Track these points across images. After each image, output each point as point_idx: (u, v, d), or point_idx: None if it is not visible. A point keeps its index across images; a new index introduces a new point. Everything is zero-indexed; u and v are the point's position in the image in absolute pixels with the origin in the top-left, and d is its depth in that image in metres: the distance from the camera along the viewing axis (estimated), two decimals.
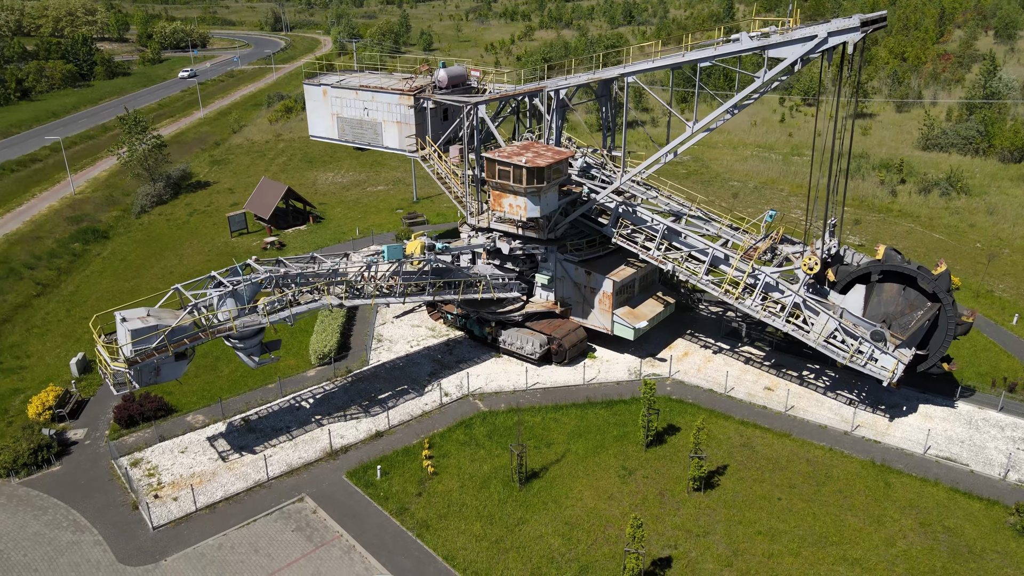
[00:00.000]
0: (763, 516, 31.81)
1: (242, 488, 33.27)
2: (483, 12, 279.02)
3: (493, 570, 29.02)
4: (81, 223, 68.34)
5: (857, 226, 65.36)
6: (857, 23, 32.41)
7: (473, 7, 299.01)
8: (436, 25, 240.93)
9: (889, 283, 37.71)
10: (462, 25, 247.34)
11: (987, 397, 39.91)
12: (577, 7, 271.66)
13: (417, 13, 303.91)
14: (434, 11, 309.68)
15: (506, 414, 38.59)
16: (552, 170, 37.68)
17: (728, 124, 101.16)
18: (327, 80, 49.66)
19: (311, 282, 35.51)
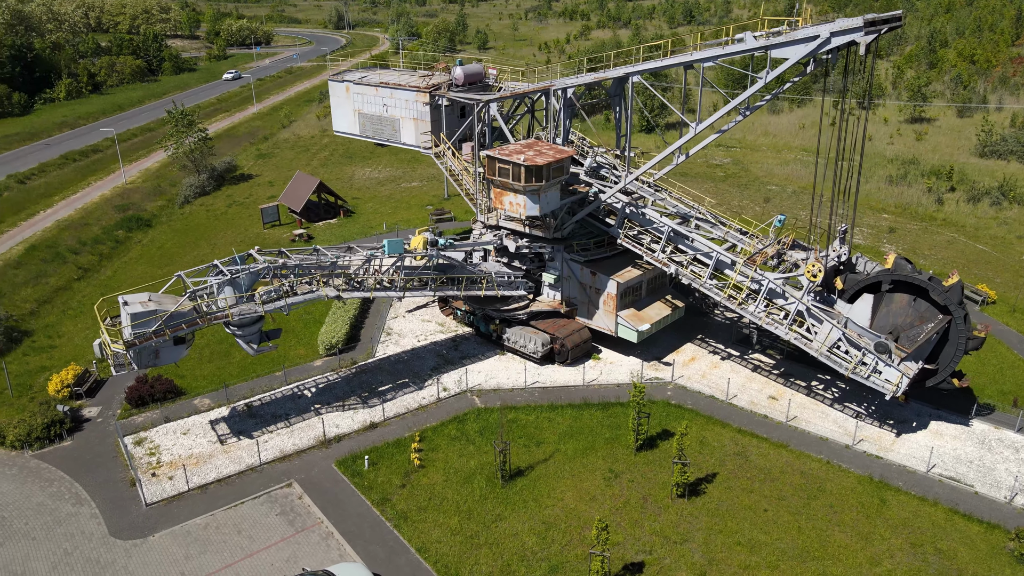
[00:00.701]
0: (746, 526, 31.14)
1: (235, 471, 34.32)
2: (543, 11, 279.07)
3: (463, 564, 29.23)
4: (127, 211, 71.38)
5: (892, 235, 63.03)
6: (860, 23, 31.35)
7: (533, 6, 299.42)
8: (494, 24, 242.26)
9: (899, 293, 36.36)
10: (520, 24, 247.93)
11: (1006, 416, 38.10)
12: (638, 7, 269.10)
13: (477, 12, 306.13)
14: (495, 10, 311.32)
15: (498, 411, 38.71)
16: (552, 169, 37.60)
17: (774, 127, 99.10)
18: (350, 77, 50.65)
19: (310, 273, 36.33)
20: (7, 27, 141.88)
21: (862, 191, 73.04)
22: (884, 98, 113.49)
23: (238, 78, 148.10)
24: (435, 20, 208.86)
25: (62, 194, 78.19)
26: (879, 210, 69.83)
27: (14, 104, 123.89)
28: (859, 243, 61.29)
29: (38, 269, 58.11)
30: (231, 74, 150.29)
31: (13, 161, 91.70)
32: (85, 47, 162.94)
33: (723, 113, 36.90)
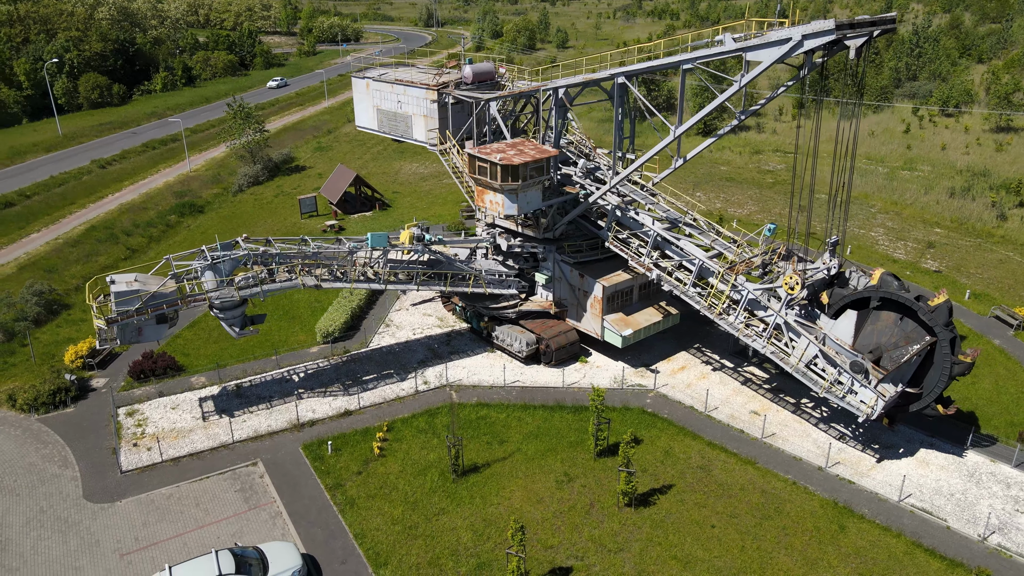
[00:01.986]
0: (687, 541, 30.37)
1: (208, 447, 36.15)
2: (632, 10, 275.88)
3: (394, 553, 29.85)
4: (184, 198, 75.66)
5: (931, 250, 59.35)
6: (832, 26, 29.86)
7: (623, 5, 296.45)
8: (580, 23, 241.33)
9: (886, 311, 34.45)
10: (606, 23, 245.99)
11: (1006, 450, 35.50)
12: (730, 6, 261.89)
13: (567, 11, 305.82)
14: (584, 8, 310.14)
15: (474, 407, 39.11)
16: (529, 169, 37.59)
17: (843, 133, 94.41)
18: (370, 74, 52.01)
19: (290, 263, 37.74)
20: (112, 22, 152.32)
21: (916, 203, 69.37)
22: (971, 105, 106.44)
23: (284, 85, 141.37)
24: (516, 19, 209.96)
25: (132, 179, 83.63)
26: (932, 223, 65.83)
27: (113, 95, 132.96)
28: (900, 258, 58.13)
29: (91, 248, 62.53)
30: (276, 82, 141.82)
31: (102, 147, 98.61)
32: (184, 42, 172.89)
33: (699, 118, 35.82)
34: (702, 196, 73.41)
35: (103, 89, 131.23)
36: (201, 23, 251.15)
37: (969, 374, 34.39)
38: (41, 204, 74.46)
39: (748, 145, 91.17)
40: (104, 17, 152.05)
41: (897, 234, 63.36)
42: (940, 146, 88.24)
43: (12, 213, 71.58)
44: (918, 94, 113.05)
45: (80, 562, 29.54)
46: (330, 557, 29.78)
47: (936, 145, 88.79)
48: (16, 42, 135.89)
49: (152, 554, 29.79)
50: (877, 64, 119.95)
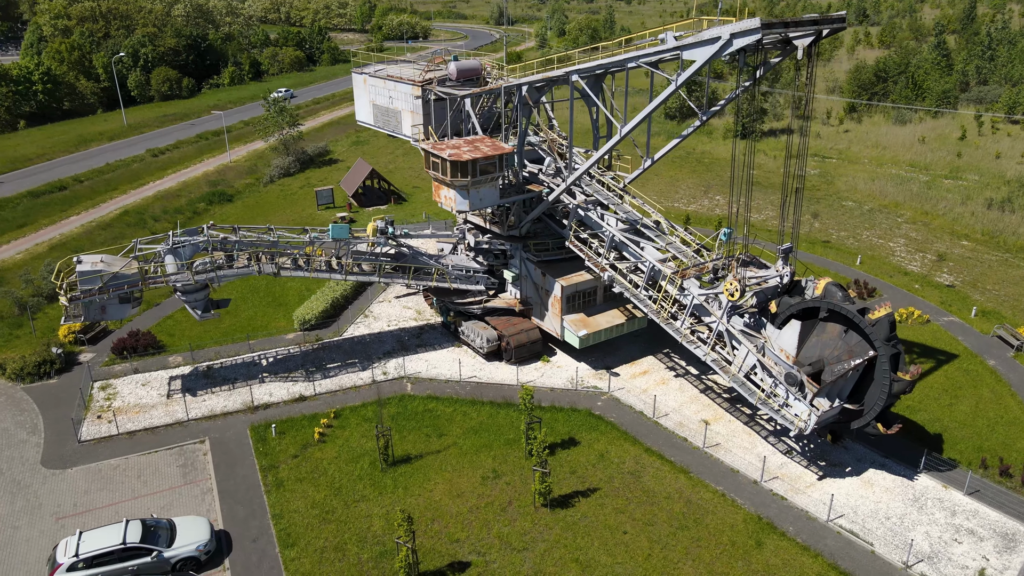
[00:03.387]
0: (594, 545, 30.01)
1: (165, 423, 37.92)
2: (706, 10, 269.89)
3: (304, 535, 30.67)
4: (217, 187, 79.07)
5: (941, 263, 56.13)
6: (757, 24, 28.78)
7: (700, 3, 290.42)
8: (651, 22, 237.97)
9: (832, 323, 32.98)
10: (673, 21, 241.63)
11: (963, 476, 33.42)
12: (809, 4, 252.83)
13: (643, 10, 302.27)
14: (661, 7, 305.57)
15: (423, 400, 39.62)
16: (479, 165, 37.70)
17: (890, 138, 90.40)
18: (367, 70, 53.10)
19: (249, 250, 39.12)
20: (187, 19, 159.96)
21: (949, 214, 65.86)
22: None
23: (290, 97, 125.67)
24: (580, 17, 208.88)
25: (175, 168, 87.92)
26: (961, 235, 62.24)
27: (183, 88, 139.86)
28: (914, 270, 55.32)
29: (120, 231, 66.15)
30: (279, 93, 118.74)
31: (160, 137, 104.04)
32: (255, 38, 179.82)
33: (641, 118, 34.95)
34: (720, 200, 71.54)
35: (173, 82, 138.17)
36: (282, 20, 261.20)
37: (911, 392, 32.49)
38: (86, 189, 79.26)
39: (784, 149, 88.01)
40: (180, 14, 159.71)
41: (919, 245, 60.20)
42: (995, 154, 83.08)
43: (59, 197, 76.50)
44: (985, 99, 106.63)
45: (19, 522, 31.59)
46: (244, 535, 30.86)
47: (991, 153, 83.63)
48: (97, 37, 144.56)
49: (84, 519, 31.56)
50: (944, 67, 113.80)
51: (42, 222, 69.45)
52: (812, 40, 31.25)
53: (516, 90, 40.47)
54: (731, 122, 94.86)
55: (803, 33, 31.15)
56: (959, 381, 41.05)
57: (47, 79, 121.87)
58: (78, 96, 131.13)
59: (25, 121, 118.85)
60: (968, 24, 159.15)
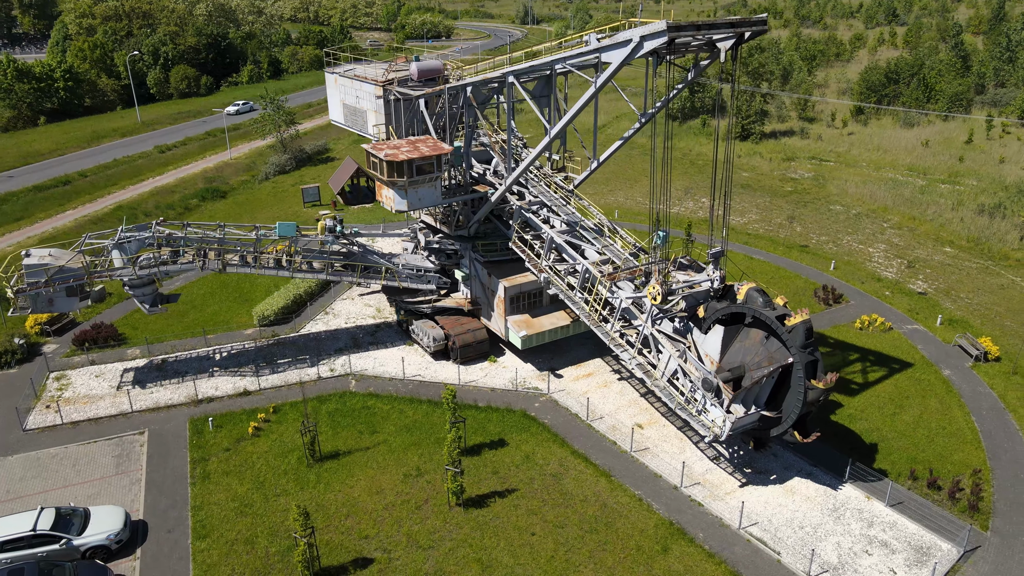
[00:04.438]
0: (500, 545, 30.12)
1: (109, 414, 38.92)
2: (734, 9, 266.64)
3: (219, 528, 31.28)
4: (212, 183, 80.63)
5: (909, 270, 54.91)
6: (663, 27, 28.53)
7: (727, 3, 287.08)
8: None
9: (756, 329, 32.58)
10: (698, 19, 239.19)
11: (893, 487, 32.79)
12: (839, 4, 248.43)
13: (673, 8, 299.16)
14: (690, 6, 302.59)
15: (363, 397, 40.07)
16: (415, 166, 37.96)
17: (893, 142, 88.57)
18: (337, 70, 53.75)
19: (194, 246, 39.94)
20: (208, 17, 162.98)
21: (937, 220, 64.42)
22: None
23: (249, 111, 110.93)
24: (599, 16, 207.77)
25: (176, 164, 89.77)
26: (945, 242, 60.81)
27: (201, 86, 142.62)
28: (888, 276, 54.25)
29: (110, 226, 67.61)
30: (236, 106, 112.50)
31: (171, 134, 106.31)
32: (277, 37, 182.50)
33: (567, 120, 34.87)
34: (704, 202, 70.80)
35: (191, 80, 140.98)
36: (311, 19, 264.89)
37: (827, 399, 31.86)
38: (87, 184, 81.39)
39: (783, 151, 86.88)
40: (201, 13, 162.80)
41: (899, 251, 58.96)
42: (999, 159, 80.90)
43: (60, 192, 78.71)
44: (1001, 102, 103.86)
45: None
46: (161, 525, 31.58)
47: (995, 158, 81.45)
48: (120, 35, 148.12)
49: (11, 507, 32.57)
50: (959, 68, 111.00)
51: (39, 216, 71.52)
52: (734, 43, 30.89)
53: (461, 91, 40.63)
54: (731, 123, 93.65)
55: (724, 36, 30.82)
56: (908, 390, 40.21)
57: (68, 77, 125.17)
58: (99, 93, 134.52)
59: (46, 117, 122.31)
60: (996, 25, 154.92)
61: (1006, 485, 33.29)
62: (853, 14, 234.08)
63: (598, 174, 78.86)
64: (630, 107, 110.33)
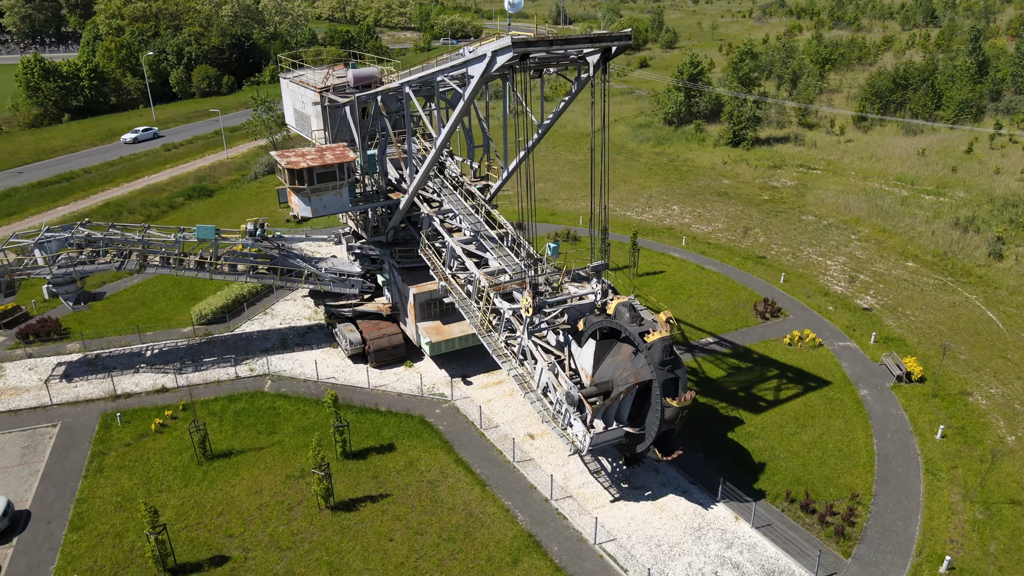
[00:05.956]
0: (355, 549, 30.68)
1: (30, 406, 40.68)
2: (770, 10, 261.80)
3: (95, 520, 32.51)
4: (202, 182, 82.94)
5: (852, 285, 53.54)
6: (508, 42, 28.61)
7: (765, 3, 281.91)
8: (706, 22, 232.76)
9: (627, 344, 32.44)
10: (734, 23, 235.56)
11: (760, 508, 32.34)
12: (878, 5, 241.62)
13: (709, 9, 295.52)
14: (724, 7, 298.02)
15: (272, 397, 41.03)
16: (318, 173, 38.69)
17: (888, 150, 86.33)
18: (289, 75, 54.90)
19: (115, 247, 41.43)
20: (233, 18, 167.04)
21: (908, 233, 62.79)
22: None
23: (152, 138, 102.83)
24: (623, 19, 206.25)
25: (174, 163, 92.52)
26: (909, 255, 59.15)
27: (222, 85, 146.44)
28: (837, 291, 53.10)
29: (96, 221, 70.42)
30: (134, 133, 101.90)
31: (182, 132, 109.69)
32: (302, 37, 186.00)
33: (448, 131, 35.10)
34: (676, 210, 70.11)
35: (212, 80, 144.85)
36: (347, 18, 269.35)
37: (686, 416, 31.31)
38: (84, 181, 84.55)
39: (771, 159, 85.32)
40: (227, 14, 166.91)
41: (858, 265, 57.58)
42: (995, 170, 78.14)
43: (58, 188, 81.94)
44: (1015, 109, 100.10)
45: None
46: (43, 515, 32.98)
47: (990, 168, 78.67)
48: (147, 36, 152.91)
49: None
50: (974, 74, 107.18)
51: (31, 211, 74.58)
52: (601, 57, 30.82)
53: (372, 99, 41.26)
54: (724, 130, 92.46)
55: (592, 50, 30.78)
56: (816, 409, 39.45)
57: (94, 76, 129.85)
58: (124, 92, 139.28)
59: (70, 115, 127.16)
60: None
61: (884, 511, 32.51)
62: (892, 15, 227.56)
63: (574, 177, 78.90)
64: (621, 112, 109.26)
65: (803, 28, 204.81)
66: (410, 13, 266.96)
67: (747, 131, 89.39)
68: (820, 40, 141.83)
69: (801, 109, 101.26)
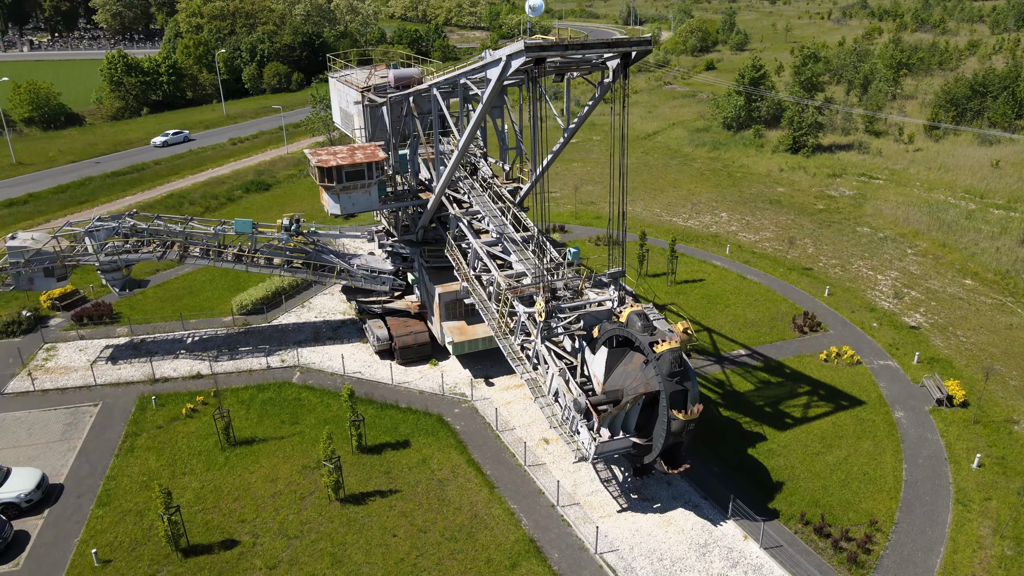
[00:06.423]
0: (359, 542, 31.23)
1: (76, 385, 42.84)
2: (851, 11, 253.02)
3: (121, 498, 34.00)
4: (261, 176, 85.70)
5: (899, 301, 51.21)
6: (522, 47, 28.46)
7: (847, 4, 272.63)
8: (780, 23, 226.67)
9: (639, 354, 31.95)
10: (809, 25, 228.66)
11: (774, 528, 31.41)
12: (967, 7, 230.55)
13: (786, 10, 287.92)
14: (803, 8, 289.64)
15: (299, 388, 42.10)
16: (346, 172, 39.41)
17: (960, 161, 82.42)
18: (336, 74, 56.16)
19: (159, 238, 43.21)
20: (305, 17, 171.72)
21: (969, 249, 59.87)
22: None
23: (183, 141, 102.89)
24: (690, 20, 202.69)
25: (237, 157, 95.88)
26: (969, 272, 56.31)
27: (292, 82, 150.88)
28: (884, 307, 51.04)
29: (157, 212, 73.56)
30: (164, 137, 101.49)
31: (249, 127, 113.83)
32: (371, 36, 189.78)
33: (470, 132, 35.13)
34: (725, 216, 68.59)
35: (282, 77, 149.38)
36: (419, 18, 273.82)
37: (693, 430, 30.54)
38: (152, 173, 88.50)
39: (831, 167, 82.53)
40: (300, 13, 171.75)
41: (911, 280, 55.17)
42: None
43: (129, 179, 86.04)
44: None
45: None
46: (75, 490, 34.72)
47: None
48: (224, 33, 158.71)
49: None
50: None
51: (101, 200, 78.52)
52: (620, 62, 30.44)
53: (404, 100, 41.82)
54: (783, 135, 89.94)
55: (612, 55, 30.43)
56: (845, 430, 38.04)
57: (172, 72, 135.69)
58: (199, 87, 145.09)
59: (148, 109, 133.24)
60: None
61: (905, 540, 31.12)
62: (982, 18, 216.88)
63: None
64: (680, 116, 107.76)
65: (883, 31, 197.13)
66: (480, 12, 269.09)
67: (808, 137, 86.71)
68: (898, 43, 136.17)
69: (868, 116, 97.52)
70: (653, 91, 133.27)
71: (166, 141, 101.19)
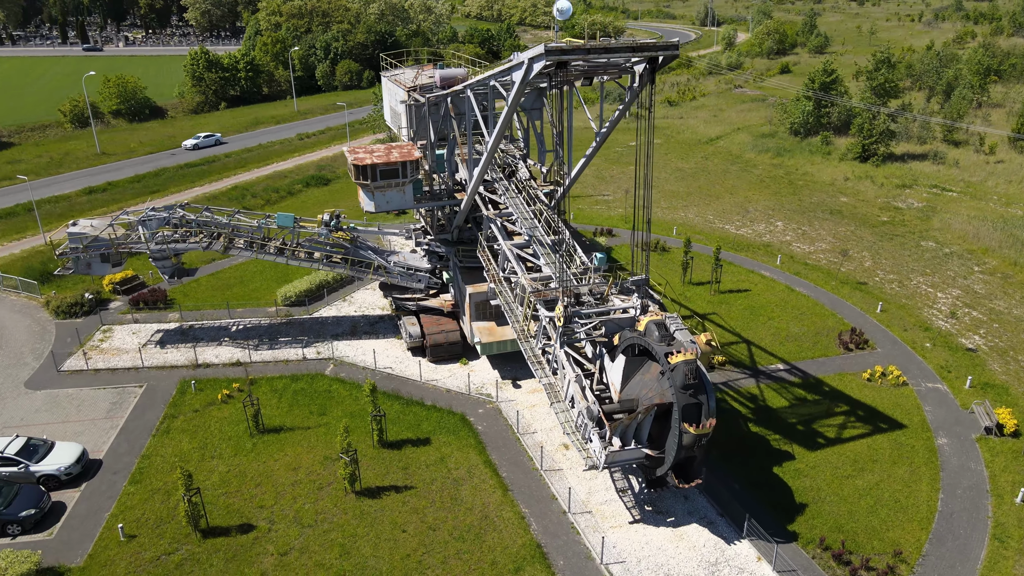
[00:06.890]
0: (368, 535, 31.73)
1: (125, 366, 44.98)
2: (944, 14, 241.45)
3: (153, 476, 35.53)
4: (321, 171, 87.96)
5: (954, 321, 48.44)
6: (543, 50, 28.16)
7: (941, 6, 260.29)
8: (865, 26, 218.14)
9: (656, 363, 31.32)
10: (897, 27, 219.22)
11: (790, 551, 30.35)
12: None
13: (874, 12, 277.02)
14: (892, 10, 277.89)
15: (330, 380, 43.07)
16: (381, 170, 39.96)
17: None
18: (387, 73, 57.10)
19: (206, 229, 44.86)
20: (379, 16, 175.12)
21: None
22: None
23: (215, 144, 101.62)
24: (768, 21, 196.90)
25: (301, 152, 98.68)
26: None
27: (363, 79, 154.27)
28: (940, 327, 48.60)
29: (219, 203, 76.59)
30: (195, 140, 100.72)
31: (317, 123, 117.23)
32: (443, 35, 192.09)
33: (498, 134, 35.08)
34: (780, 226, 66.53)
35: (354, 74, 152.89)
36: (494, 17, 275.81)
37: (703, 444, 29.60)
38: (221, 166, 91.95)
39: (901, 177, 78.97)
40: (374, 11, 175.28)
41: (974, 299, 52.30)
42: None
43: (199, 170, 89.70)
44: None
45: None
46: (112, 466, 36.45)
47: None
48: (300, 32, 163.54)
49: (18, 430, 38.99)
50: None
51: (171, 190, 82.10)
52: (647, 66, 29.90)
53: (443, 101, 42.16)
54: (852, 143, 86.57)
55: (639, 59, 29.93)
56: (881, 454, 36.39)
57: (249, 68, 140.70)
58: (275, 83, 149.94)
59: (226, 103, 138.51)
60: None
61: (930, 574, 29.54)
62: None
63: (680, 186, 76.80)
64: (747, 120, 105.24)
65: (976, 34, 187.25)
66: None
67: (878, 145, 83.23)
68: (988, 48, 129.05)
69: (948, 124, 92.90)
70: (722, 94, 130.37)
71: (196, 144, 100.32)
